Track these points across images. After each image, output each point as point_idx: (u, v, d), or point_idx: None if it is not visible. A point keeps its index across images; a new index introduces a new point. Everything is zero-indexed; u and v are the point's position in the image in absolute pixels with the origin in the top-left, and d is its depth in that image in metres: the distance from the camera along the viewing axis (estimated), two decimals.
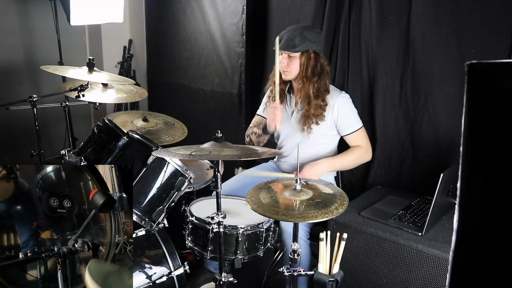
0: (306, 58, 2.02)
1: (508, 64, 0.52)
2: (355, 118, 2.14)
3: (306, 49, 2.00)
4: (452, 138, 2.11)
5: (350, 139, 2.15)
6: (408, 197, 2.10)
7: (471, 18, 1.94)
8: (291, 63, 2.03)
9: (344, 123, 2.11)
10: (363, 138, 2.16)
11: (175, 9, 3.40)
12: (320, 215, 1.36)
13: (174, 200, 1.91)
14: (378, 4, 2.21)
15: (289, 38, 1.97)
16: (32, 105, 2.14)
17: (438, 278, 1.63)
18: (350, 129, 2.12)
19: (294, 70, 2.05)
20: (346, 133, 2.13)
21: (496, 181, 0.58)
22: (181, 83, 3.51)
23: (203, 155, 1.56)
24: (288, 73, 2.07)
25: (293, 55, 2.01)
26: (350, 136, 2.14)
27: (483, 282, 0.60)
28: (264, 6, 2.80)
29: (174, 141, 2.43)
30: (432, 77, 2.12)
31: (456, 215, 0.57)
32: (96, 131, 2.04)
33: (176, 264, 1.83)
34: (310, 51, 2.02)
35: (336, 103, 2.08)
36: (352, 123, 2.12)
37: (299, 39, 1.97)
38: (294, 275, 1.59)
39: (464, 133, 0.55)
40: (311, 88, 2.04)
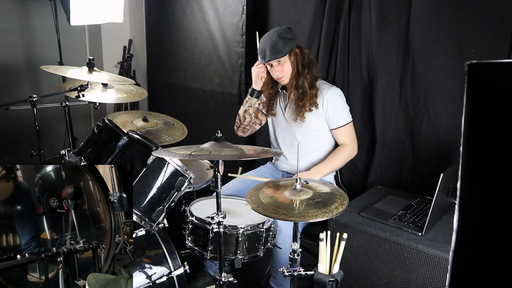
0: (294, 56, 2.07)
1: (508, 64, 0.52)
2: (344, 113, 2.17)
3: (291, 48, 2.04)
4: (452, 138, 2.11)
5: (338, 134, 2.18)
6: (408, 197, 2.10)
7: (471, 18, 1.94)
8: (284, 67, 2.07)
9: (333, 117, 2.13)
10: (350, 133, 2.19)
11: (175, 9, 3.41)
12: (320, 214, 1.36)
13: (174, 200, 1.91)
14: (378, 4, 2.21)
15: (272, 47, 2.01)
16: (32, 105, 2.14)
17: (438, 278, 1.63)
18: (338, 123, 2.14)
19: (288, 73, 2.09)
20: (334, 127, 2.16)
21: (496, 181, 0.58)
22: (181, 83, 3.51)
23: (203, 155, 1.56)
24: (284, 77, 2.11)
25: (283, 59, 2.05)
26: (338, 130, 2.16)
27: (483, 282, 0.60)
28: (264, 6, 2.79)
29: (174, 141, 2.43)
30: (432, 77, 2.12)
31: (456, 215, 0.57)
32: (96, 131, 2.04)
33: (176, 264, 1.83)
34: (294, 48, 2.07)
35: (326, 95, 2.11)
36: (340, 117, 2.15)
37: (281, 43, 2.01)
38: (294, 275, 1.59)
39: (464, 133, 0.55)
40: (305, 81, 2.08)
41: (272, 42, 2.01)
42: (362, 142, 2.42)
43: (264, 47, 2.04)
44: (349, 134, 2.18)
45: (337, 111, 2.13)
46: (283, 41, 2.01)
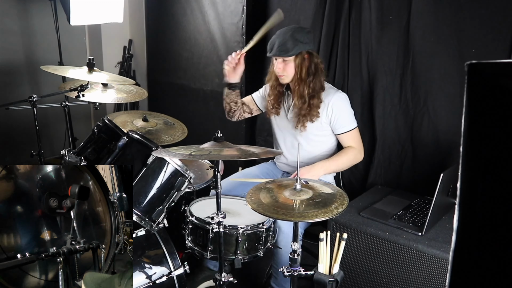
0: (300, 60, 2.02)
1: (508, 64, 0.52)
2: (350, 118, 2.13)
3: (300, 51, 2.00)
4: (452, 138, 2.11)
5: (343, 139, 2.14)
6: (408, 197, 2.10)
7: (471, 18, 1.94)
8: (287, 66, 2.04)
9: (338, 122, 2.10)
10: (356, 138, 2.14)
11: (175, 9, 3.41)
12: (320, 214, 1.36)
13: (174, 200, 1.91)
14: (378, 4, 2.21)
15: (281, 43, 1.98)
16: (32, 105, 2.14)
17: (438, 278, 1.63)
18: (343, 128, 2.11)
19: (290, 74, 2.06)
20: (339, 132, 2.12)
21: (496, 181, 0.58)
22: (181, 83, 3.51)
23: (203, 155, 1.56)
24: (284, 77, 2.08)
25: (287, 59, 2.02)
26: (344, 136, 2.13)
27: (483, 282, 0.60)
28: (264, 6, 2.79)
29: (174, 141, 2.43)
30: (432, 77, 2.12)
31: (456, 215, 0.57)
32: (96, 131, 2.04)
33: (176, 264, 1.83)
34: (304, 52, 2.02)
35: (331, 101, 2.07)
36: (346, 123, 2.11)
37: (291, 42, 1.97)
38: (294, 275, 1.59)
39: (464, 133, 0.55)
40: (306, 89, 2.04)
41: (283, 38, 1.98)
42: (362, 142, 2.42)
43: (274, 41, 2.01)
44: (355, 139, 2.14)
45: (342, 117, 2.09)
46: (294, 42, 1.97)
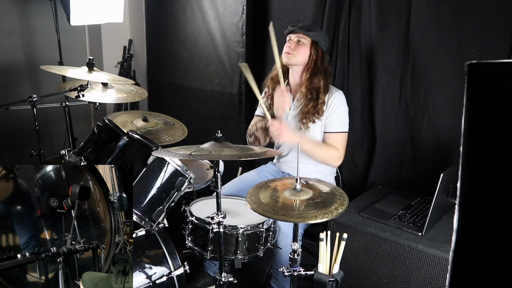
0: (315, 50, 2.04)
1: (508, 64, 0.52)
2: (345, 120, 2.11)
3: (318, 41, 2.02)
4: (452, 138, 2.11)
5: (331, 138, 2.09)
6: (408, 197, 2.10)
7: (471, 18, 1.94)
8: (299, 47, 2.04)
9: (332, 119, 2.08)
10: (342, 143, 2.10)
11: (175, 9, 3.41)
12: (320, 215, 1.36)
13: (174, 200, 1.91)
14: (378, 4, 2.21)
15: (305, 25, 2.06)
16: (32, 105, 2.14)
17: (438, 278, 1.63)
18: (335, 128, 2.08)
19: (299, 56, 2.04)
20: (329, 131, 2.08)
21: (496, 181, 0.58)
22: (181, 83, 3.51)
23: (203, 155, 1.56)
24: (292, 56, 2.04)
25: (303, 41, 2.03)
26: (332, 135, 2.08)
27: (483, 282, 0.60)
28: (264, 6, 2.80)
29: (174, 141, 2.43)
30: (432, 77, 2.12)
31: (456, 215, 0.57)
32: (96, 131, 2.04)
33: (176, 264, 1.83)
34: (319, 46, 2.04)
35: (333, 96, 2.07)
36: (339, 123, 2.09)
37: (315, 29, 2.05)
38: (294, 275, 1.59)
39: (464, 133, 0.55)
40: (322, 80, 2.03)
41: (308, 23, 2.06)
42: (362, 142, 2.42)
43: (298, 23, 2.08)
44: (341, 143, 2.09)
45: (337, 115, 2.07)
46: (317, 30, 2.06)
